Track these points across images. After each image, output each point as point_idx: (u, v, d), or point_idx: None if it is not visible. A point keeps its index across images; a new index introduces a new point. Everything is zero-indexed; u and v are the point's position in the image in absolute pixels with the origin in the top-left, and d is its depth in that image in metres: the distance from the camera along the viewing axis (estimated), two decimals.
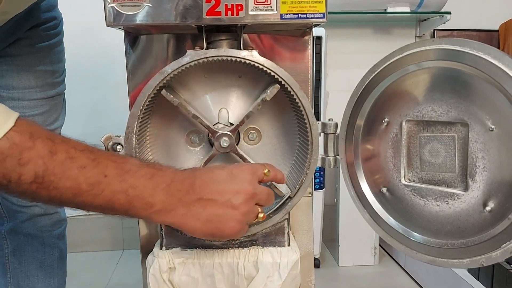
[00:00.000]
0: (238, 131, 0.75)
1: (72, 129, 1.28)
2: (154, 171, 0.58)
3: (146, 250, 0.77)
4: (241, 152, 0.71)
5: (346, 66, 1.84)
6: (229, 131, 0.70)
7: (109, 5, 0.62)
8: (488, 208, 0.59)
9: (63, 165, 0.52)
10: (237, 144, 0.72)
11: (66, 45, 1.02)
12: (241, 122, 0.70)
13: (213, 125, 0.73)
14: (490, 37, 1.97)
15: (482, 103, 0.58)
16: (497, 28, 1.95)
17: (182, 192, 0.58)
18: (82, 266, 1.78)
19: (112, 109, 1.86)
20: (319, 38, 1.52)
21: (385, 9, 1.69)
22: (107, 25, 0.63)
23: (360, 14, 1.69)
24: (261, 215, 0.62)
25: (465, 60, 0.57)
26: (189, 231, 0.60)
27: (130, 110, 0.68)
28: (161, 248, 0.72)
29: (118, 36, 0.75)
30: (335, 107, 1.64)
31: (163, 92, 0.66)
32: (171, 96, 0.67)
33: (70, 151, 0.53)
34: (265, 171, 0.63)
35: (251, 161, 0.71)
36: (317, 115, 1.56)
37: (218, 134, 0.69)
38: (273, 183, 0.69)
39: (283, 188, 0.72)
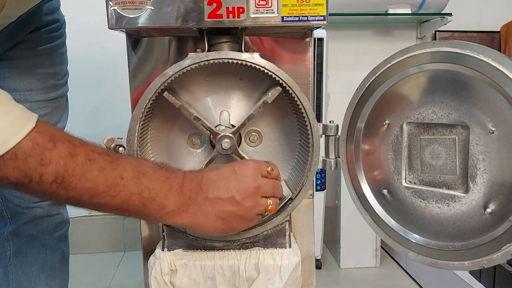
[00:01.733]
0: (240, 133, 0.75)
1: (73, 130, 1.28)
2: (167, 174, 0.59)
3: (147, 252, 0.77)
4: (243, 154, 0.72)
5: (347, 67, 1.84)
6: (231, 133, 0.70)
7: (111, 8, 0.62)
8: (489, 210, 0.59)
9: (83, 166, 0.53)
10: (238, 146, 0.72)
11: (67, 46, 1.03)
12: (242, 124, 0.70)
13: (215, 127, 0.73)
14: (491, 38, 1.96)
15: (482, 105, 0.58)
16: (498, 30, 1.95)
17: (191, 191, 0.60)
18: (83, 268, 1.78)
19: (113, 110, 1.86)
20: (320, 40, 1.52)
21: (386, 11, 1.69)
22: (110, 28, 0.63)
23: (361, 15, 1.70)
24: (270, 207, 0.64)
25: (465, 62, 0.57)
26: (201, 230, 0.62)
27: (132, 112, 0.68)
28: (162, 250, 0.72)
29: (119, 37, 0.75)
30: (336, 109, 1.65)
31: (165, 94, 0.67)
32: (173, 98, 0.67)
33: (89, 153, 0.54)
34: (268, 169, 0.65)
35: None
36: (318, 117, 1.56)
37: (219, 136, 0.70)
38: None
39: (285, 190, 0.72)
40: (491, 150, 0.58)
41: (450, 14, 1.69)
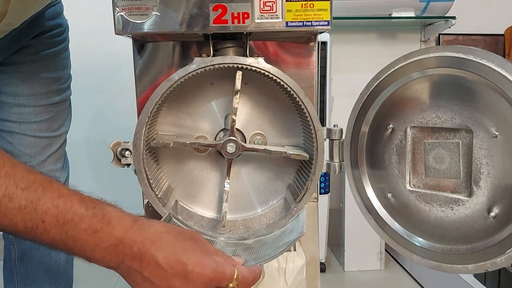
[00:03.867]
0: (244, 137, 0.75)
1: (77, 133, 1.30)
2: (100, 226, 0.52)
3: None
4: (253, 146, 0.72)
5: (351, 70, 1.85)
6: (230, 137, 0.70)
7: (118, 14, 0.62)
8: (492, 214, 0.59)
9: None
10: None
11: (71, 50, 1.03)
12: (233, 121, 0.70)
13: (217, 133, 0.75)
14: (495, 41, 1.96)
15: (486, 110, 0.58)
16: (502, 33, 1.95)
17: (127, 257, 0.53)
18: (88, 271, 1.79)
19: (117, 113, 1.88)
20: (324, 43, 1.53)
21: (390, 14, 1.70)
22: (116, 33, 0.64)
23: (365, 19, 1.70)
24: None
25: (468, 67, 0.57)
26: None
27: (137, 116, 0.69)
28: None
29: (123, 41, 0.76)
30: (340, 112, 1.65)
31: (153, 143, 0.69)
32: (161, 142, 0.69)
33: (11, 188, 0.50)
34: (231, 285, 0.55)
35: (269, 149, 0.71)
36: (322, 120, 1.57)
37: (221, 145, 0.70)
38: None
39: (300, 226, 0.69)
40: (494, 154, 0.58)
41: (454, 17, 1.69)
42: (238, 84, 0.68)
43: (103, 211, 0.54)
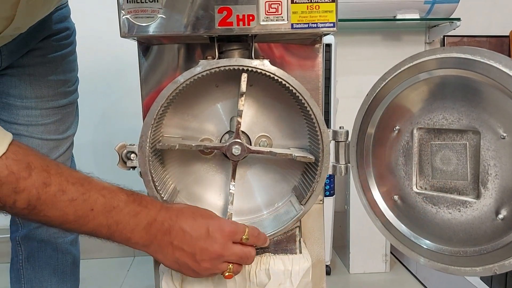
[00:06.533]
0: (249, 139, 0.75)
1: (83, 136, 1.30)
2: (139, 209, 0.62)
3: None
4: (258, 148, 0.72)
5: (356, 72, 1.85)
6: (235, 139, 0.70)
7: (124, 17, 0.63)
8: (500, 216, 0.58)
9: (55, 197, 0.56)
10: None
11: (77, 54, 1.04)
12: (238, 123, 0.70)
13: (222, 135, 0.74)
14: (500, 43, 1.96)
15: (493, 110, 0.58)
16: (507, 34, 1.95)
17: (159, 232, 0.62)
18: (94, 273, 1.79)
19: (122, 115, 1.88)
20: (328, 46, 1.53)
21: (395, 16, 1.69)
22: (122, 36, 0.64)
23: (369, 21, 1.70)
24: (227, 273, 0.65)
25: (475, 68, 0.57)
26: (160, 262, 0.66)
27: (143, 119, 0.69)
28: None
29: (128, 43, 0.76)
30: (344, 114, 1.65)
31: (158, 146, 0.70)
32: (167, 144, 0.70)
33: (63, 183, 0.57)
34: (243, 237, 0.65)
35: (275, 151, 0.71)
36: (327, 122, 1.57)
37: (226, 147, 0.70)
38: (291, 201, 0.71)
39: (297, 207, 0.72)
40: (502, 156, 0.58)
41: (458, 19, 1.69)
42: (243, 86, 0.68)
43: (139, 197, 0.63)
